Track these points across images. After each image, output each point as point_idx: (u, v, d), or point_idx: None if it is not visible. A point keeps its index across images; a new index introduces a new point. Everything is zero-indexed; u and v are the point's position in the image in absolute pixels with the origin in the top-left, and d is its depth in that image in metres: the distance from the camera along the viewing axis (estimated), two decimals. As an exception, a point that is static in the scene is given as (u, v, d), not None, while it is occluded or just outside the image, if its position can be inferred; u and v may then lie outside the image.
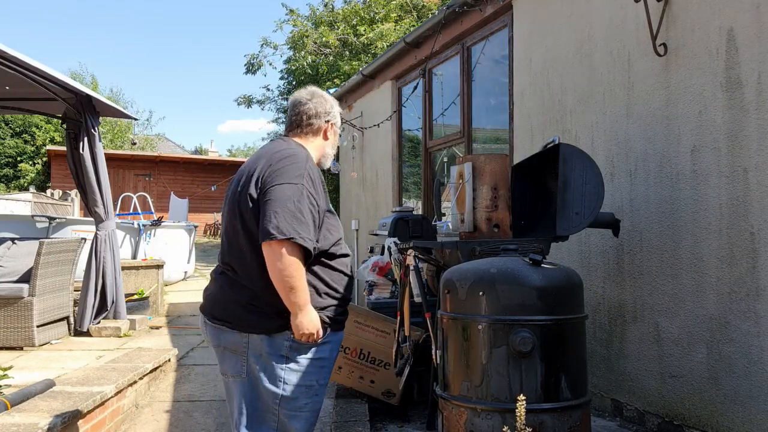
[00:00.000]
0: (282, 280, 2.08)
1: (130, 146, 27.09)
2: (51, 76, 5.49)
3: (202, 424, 3.94)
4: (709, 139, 3.08)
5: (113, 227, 6.39)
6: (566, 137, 4.08)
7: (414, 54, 6.72)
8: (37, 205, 13.75)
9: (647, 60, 3.45)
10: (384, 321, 3.85)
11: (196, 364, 5.33)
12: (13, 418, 3.02)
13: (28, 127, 23.75)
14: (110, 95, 27.16)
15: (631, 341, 3.56)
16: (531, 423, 2.11)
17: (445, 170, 6.36)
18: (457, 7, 5.45)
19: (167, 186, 21.97)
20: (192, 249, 11.77)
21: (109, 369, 4.14)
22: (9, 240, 6.05)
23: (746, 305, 2.89)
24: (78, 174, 6.19)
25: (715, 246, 3.04)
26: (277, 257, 2.06)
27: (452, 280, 2.50)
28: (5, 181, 23.44)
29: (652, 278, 3.40)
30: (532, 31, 4.59)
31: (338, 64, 15.31)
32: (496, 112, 5.48)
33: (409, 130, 7.42)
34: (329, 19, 16.23)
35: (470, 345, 2.40)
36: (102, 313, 6.20)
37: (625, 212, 3.57)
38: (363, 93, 8.52)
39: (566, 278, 2.48)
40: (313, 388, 2.24)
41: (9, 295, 5.40)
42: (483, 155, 2.88)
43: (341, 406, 3.66)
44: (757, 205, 2.84)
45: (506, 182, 2.88)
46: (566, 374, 2.36)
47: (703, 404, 3.10)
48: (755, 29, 2.86)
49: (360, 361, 3.81)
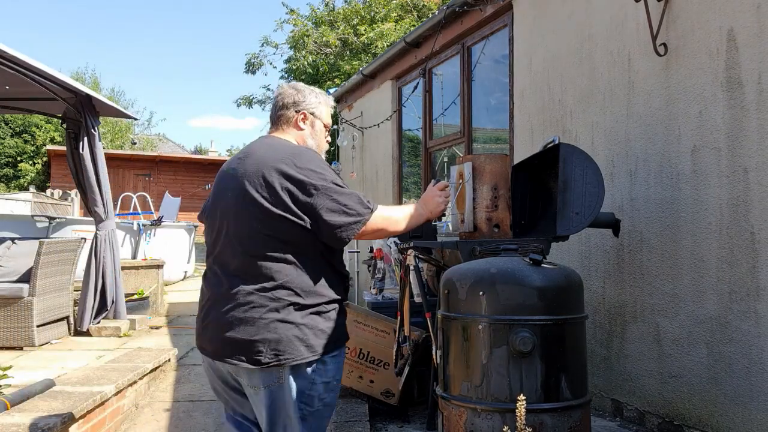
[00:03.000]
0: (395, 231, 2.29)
1: (130, 146, 27.09)
2: (51, 76, 5.49)
3: (202, 424, 3.94)
4: (709, 139, 3.08)
5: (113, 227, 6.39)
6: (566, 137, 4.08)
7: (414, 54, 6.71)
8: (37, 204, 13.75)
9: (647, 60, 3.45)
10: (384, 321, 3.85)
11: (196, 364, 5.33)
12: (13, 418, 3.02)
13: (28, 126, 23.76)
14: (111, 95, 27.15)
15: (631, 341, 3.56)
16: (531, 423, 2.11)
17: (445, 170, 6.36)
18: (457, 7, 5.45)
19: (167, 186, 21.96)
20: (192, 249, 11.78)
21: (109, 369, 4.14)
22: (9, 240, 6.05)
23: (746, 305, 2.89)
24: (78, 174, 6.19)
25: (715, 246, 3.04)
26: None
27: (452, 280, 2.50)
28: (5, 181, 23.44)
29: (653, 278, 3.40)
30: (533, 31, 4.59)
31: (338, 63, 15.32)
32: (496, 112, 5.47)
33: (409, 130, 7.42)
34: (330, 19, 16.23)
35: (470, 345, 2.39)
36: (102, 313, 6.20)
37: (625, 212, 3.57)
38: (363, 93, 8.52)
39: (566, 278, 2.48)
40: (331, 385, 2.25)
41: (9, 295, 5.40)
42: (483, 155, 2.88)
43: (341, 406, 3.66)
44: (757, 205, 2.84)
45: (506, 182, 2.88)
46: (566, 374, 2.36)
47: (704, 404, 3.10)
48: (756, 29, 2.85)
49: (359, 360, 3.81)
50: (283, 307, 2.08)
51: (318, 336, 2.13)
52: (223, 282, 2.15)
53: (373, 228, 2.17)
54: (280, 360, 2.05)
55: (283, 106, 2.33)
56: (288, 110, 2.32)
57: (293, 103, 2.32)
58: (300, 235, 2.11)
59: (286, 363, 2.06)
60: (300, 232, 2.11)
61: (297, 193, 2.09)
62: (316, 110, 2.35)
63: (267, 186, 2.11)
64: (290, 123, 2.33)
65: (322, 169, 2.15)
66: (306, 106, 2.33)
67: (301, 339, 2.08)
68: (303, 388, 2.12)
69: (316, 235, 2.13)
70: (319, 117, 2.36)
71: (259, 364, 2.05)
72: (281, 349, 2.06)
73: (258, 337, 2.06)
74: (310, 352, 2.09)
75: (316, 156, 2.23)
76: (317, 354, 2.11)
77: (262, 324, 2.06)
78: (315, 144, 2.36)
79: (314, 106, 2.35)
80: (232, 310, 2.10)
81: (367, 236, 2.23)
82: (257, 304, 2.08)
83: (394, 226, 2.26)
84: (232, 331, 2.08)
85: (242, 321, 2.08)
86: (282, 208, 2.08)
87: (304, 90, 2.37)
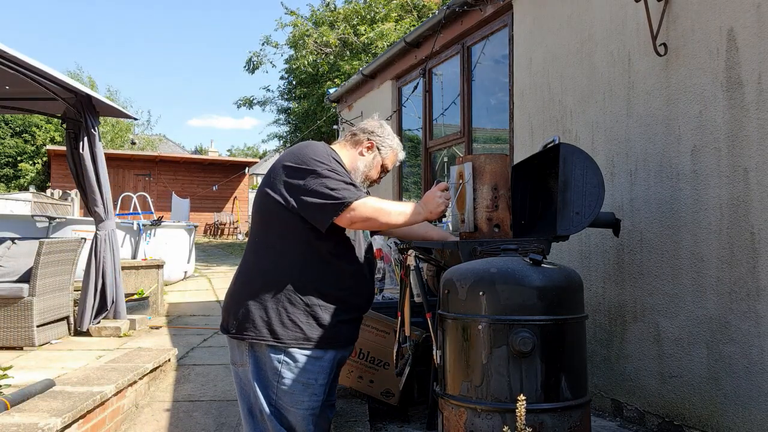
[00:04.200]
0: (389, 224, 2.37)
1: (130, 146, 27.08)
2: (51, 76, 5.49)
3: (202, 424, 3.94)
4: (709, 138, 3.08)
5: (113, 227, 6.39)
6: (566, 137, 4.08)
7: (414, 54, 6.72)
8: (37, 204, 13.76)
9: (647, 60, 3.45)
10: (384, 321, 3.85)
11: (196, 364, 5.33)
12: (13, 418, 3.01)
13: (28, 126, 23.76)
14: (108, 95, 27.14)
15: (631, 341, 3.56)
16: (531, 423, 2.10)
17: (445, 170, 6.36)
18: (457, 7, 5.45)
19: (167, 186, 21.96)
20: (192, 249, 11.77)
21: (109, 369, 4.14)
22: (9, 240, 6.05)
23: (746, 305, 2.89)
24: (78, 174, 6.19)
25: (715, 246, 3.04)
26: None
27: (452, 280, 2.50)
28: (5, 180, 23.45)
29: (653, 278, 3.40)
30: (533, 31, 4.59)
31: (338, 63, 15.32)
32: (496, 112, 5.47)
33: (409, 129, 7.42)
34: (330, 19, 16.23)
35: (470, 345, 2.39)
36: (102, 313, 6.20)
37: (625, 212, 3.57)
38: (363, 93, 8.52)
39: (566, 278, 2.48)
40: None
41: (9, 295, 5.40)
42: (483, 155, 2.87)
43: (341, 406, 3.65)
44: (757, 205, 2.84)
45: (507, 182, 2.87)
46: (566, 374, 2.36)
47: (704, 404, 3.10)
48: (756, 29, 2.85)
49: (359, 360, 3.81)
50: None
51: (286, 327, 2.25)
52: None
53: (362, 216, 2.22)
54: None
55: (362, 129, 2.54)
56: (363, 134, 2.52)
57: (371, 132, 2.52)
58: (287, 218, 2.25)
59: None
60: (287, 214, 2.24)
61: (291, 176, 2.23)
62: (383, 149, 2.54)
63: (272, 172, 2.29)
64: (356, 144, 2.51)
65: (324, 159, 2.26)
66: (378, 141, 2.52)
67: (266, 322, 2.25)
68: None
69: (303, 221, 2.24)
70: (383, 156, 2.55)
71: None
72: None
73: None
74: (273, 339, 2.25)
75: (324, 149, 2.34)
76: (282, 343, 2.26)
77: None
78: (363, 172, 2.51)
79: (385, 146, 2.54)
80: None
81: (357, 225, 2.28)
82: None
83: (386, 217, 2.31)
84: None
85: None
86: (276, 190, 2.25)
87: (386, 128, 2.58)
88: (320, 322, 2.27)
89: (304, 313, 2.25)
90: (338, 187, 2.19)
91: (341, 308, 2.33)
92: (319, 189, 2.18)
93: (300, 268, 2.26)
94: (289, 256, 2.26)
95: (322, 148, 2.34)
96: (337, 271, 2.32)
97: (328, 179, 2.20)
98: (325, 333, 2.28)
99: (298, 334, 2.24)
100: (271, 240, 2.29)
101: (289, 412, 2.27)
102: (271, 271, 2.28)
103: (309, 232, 2.25)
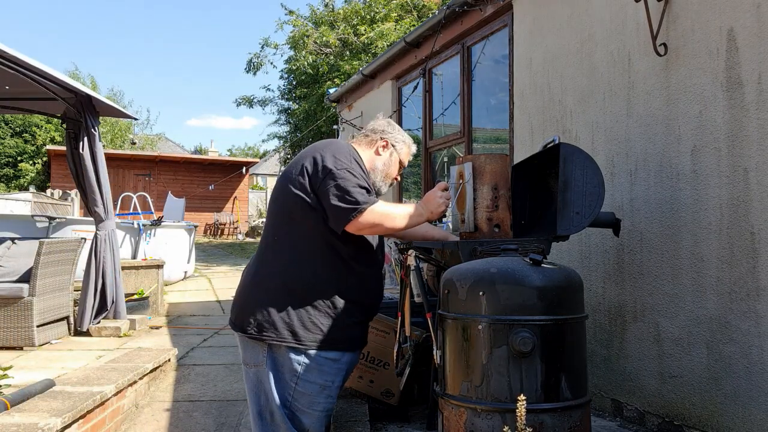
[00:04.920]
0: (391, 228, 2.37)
1: (130, 146, 27.08)
2: (51, 76, 5.49)
3: (202, 424, 3.94)
4: (709, 139, 3.08)
5: (113, 227, 6.39)
6: (566, 137, 4.08)
7: (414, 54, 6.71)
8: (37, 204, 13.75)
9: (647, 60, 3.45)
10: (384, 321, 3.85)
11: (196, 364, 5.33)
12: (13, 418, 3.01)
13: (28, 126, 23.76)
14: (110, 95, 27.15)
15: (631, 341, 3.56)
16: (531, 423, 2.10)
17: (445, 170, 6.36)
18: (457, 7, 5.45)
19: (167, 186, 21.95)
20: (192, 249, 11.77)
21: (109, 369, 4.14)
22: (9, 240, 6.05)
23: (746, 305, 2.89)
24: (78, 174, 6.19)
25: (715, 246, 3.04)
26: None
27: (452, 280, 2.50)
28: (5, 180, 23.45)
29: (653, 278, 3.40)
30: (533, 31, 4.59)
31: (338, 63, 15.32)
32: (496, 112, 5.47)
33: (409, 130, 7.42)
34: (330, 19, 16.23)
35: (470, 345, 2.39)
36: (102, 313, 6.21)
37: (625, 212, 3.57)
38: (363, 93, 8.52)
39: (566, 278, 2.48)
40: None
41: (9, 295, 5.40)
42: (483, 155, 2.87)
43: (341, 406, 3.65)
44: (757, 205, 2.84)
45: (507, 182, 2.87)
46: (566, 374, 2.36)
47: (704, 404, 3.10)
48: (756, 29, 2.85)
49: (359, 360, 3.81)
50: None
51: (308, 329, 2.23)
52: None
53: (369, 222, 2.22)
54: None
55: (372, 130, 2.57)
56: (375, 134, 2.55)
57: (382, 131, 2.55)
58: (312, 217, 2.25)
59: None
60: (312, 214, 2.24)
61: (312, 175, 2.24)
62: (397, 145, 2.57)
63: (294, 169, 2.30)
64: (371, 144, 2.54)
65: (345, 158, 2.27)
66: (391, 138, 2.55)
67: (287, 324, 2.24)
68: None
69: (324, 220, 2.24)
70: (398, 152, 2.57)
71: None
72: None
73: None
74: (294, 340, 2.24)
75: (347, 149, 2.36)
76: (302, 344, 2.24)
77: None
78: (382, 170, 2.53)
79: (398, 141, 2.57)
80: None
81: (365, 231, 2.27)
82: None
83: (391, 222, 2.31)
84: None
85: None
86: (297, 187, 2.25)
87: (395, 125, 2.62)
88: (340, 325, 2.26)
89: (326, 315, 2.23)
90: (353, 191, 2.20)
91: (358, 310, 2.33)
92: (337, 191, 2.19)
93: (322, 270, 2.25)
94: (311, 257, 2.24)
95: (346, 148, 2.34)
96: (357, 273, 2.32)
97: (346, 180, 2.21)
98: (343, 335, 2.28)
99: (319, 336, 2.22)
100: (292, 239, 2.26)
101: (304, 413, 2.24)
102: (291, 271, 2.24)
103: (331, 234, 2.24)
